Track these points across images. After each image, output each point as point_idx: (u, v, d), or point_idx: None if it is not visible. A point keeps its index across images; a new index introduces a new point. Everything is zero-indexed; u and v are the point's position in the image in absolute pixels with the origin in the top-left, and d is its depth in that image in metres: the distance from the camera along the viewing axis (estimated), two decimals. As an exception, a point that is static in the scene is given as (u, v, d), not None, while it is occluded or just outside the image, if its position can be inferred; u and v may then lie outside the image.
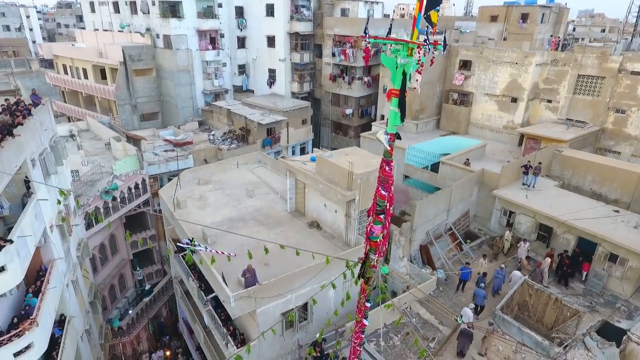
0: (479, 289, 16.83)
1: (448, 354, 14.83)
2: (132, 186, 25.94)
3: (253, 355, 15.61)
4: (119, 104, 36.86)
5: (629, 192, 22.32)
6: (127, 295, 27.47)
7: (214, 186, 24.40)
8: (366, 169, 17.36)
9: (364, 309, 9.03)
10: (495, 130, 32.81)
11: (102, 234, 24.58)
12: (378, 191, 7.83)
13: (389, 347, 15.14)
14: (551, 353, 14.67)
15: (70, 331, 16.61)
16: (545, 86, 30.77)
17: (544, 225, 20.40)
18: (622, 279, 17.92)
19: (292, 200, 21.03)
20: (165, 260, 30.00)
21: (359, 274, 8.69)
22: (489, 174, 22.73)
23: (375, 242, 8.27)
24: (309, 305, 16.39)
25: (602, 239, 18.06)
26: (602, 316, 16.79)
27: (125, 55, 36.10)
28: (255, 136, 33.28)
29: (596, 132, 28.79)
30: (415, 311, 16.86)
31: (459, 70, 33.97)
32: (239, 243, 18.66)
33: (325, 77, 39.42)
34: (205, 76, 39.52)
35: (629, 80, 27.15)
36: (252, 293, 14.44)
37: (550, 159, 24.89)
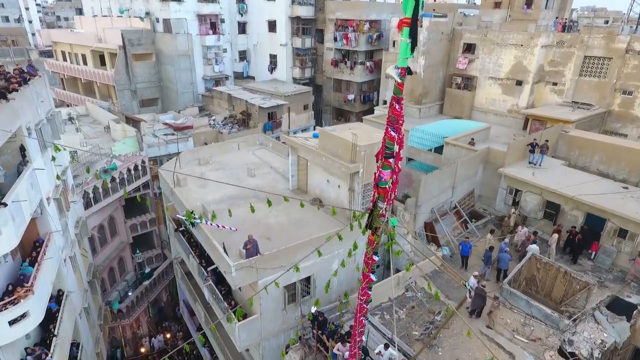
0: (503, 253, 16.66)
1: (454, 326, 14.46)
2: (132, 168, 25.55)
3: (254, 330, 15.29)
4: (118, 89, 36.42)
5: (637, 171, 21.86)
6: (127, 279, 27.14)
7: (215, 166, 24.01)
8: (370, 141, 16.93)
9: (371, 262, 8.64)
10: (499, 114, 32.33)
11: (101, 215, 24.22)
12: (387, 132, 7.41)
13: (394, 320, 14.76)
14: (561, 325, 14.31)
15: (68, 306, 16.31)
16: (550, 68, 30.26)
17: (551, 203, 20.00)
18: (631, 254, 17.52)
19: (294, 177, 20.64)
20: (165, 245, 29.67)
21: (366, 224, 8.29)
22: (495, 153, 22.31)
23: (384, 189, 7.86)
24: (312, 279, 16.04)
25: (612, 214, 17.66)
26: (611, 291, 16.42)
27: (124, 40, 35.65)
28: (256, 120, 32.89)
29: (602, 114, 28.31)
30: (420, 286, 16.49)
31: (463, 53, 33.47)
32: (240, 219, 18.29)
33: (327, 63, 38.94)
34: (205, 62, 39.07)
35: (636, 61, 26.65)
36: (253, 263, 14.07)
37: (556, 140, 24.44)
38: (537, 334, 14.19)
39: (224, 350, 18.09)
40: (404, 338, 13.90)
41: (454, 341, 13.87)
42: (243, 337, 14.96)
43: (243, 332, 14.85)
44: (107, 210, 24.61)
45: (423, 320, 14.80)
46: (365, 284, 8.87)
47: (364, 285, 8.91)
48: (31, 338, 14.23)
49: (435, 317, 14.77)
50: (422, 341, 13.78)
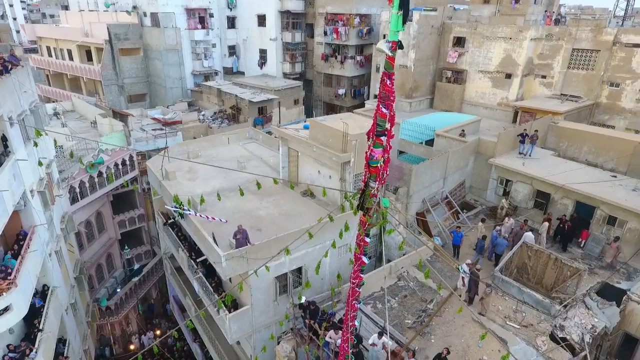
0: (501, 239, 16.70)
1: (447, 314, 14.41)
2: (119, 162, 25.12)
3: (245, 321, 15.07)
4: (105, 84, 35.84)
5: (624, 161, 22.03)
6: (116, 276, 26.72)
7: (204, 160, 23.68)
8: (361, 130, 16.79)
9: (363, 244, 8.49)
10: (489, 107, 32.48)
11: (88, 210, 23.78)
12: (378, 109, 7.27)
13: (387, 309, 14.66)
14: (552, 311, 14.35)
15: (54, 301, 15.93)
16: (539, 61, 30.47)
17: (541, 192, 20.09)
18: (621, 242, 17.64)
19: (284, 169, 20.44)
20: (154, 241, 29.26)
21: (358, 205, 8.14)
22: (485, 143, 22.36)
23: (376, 168, 7.71)
24: (304, 270, 15.87)
25: (601, 202, 17.79)
26: (601, 278, 16.52)
27: (111, 34, 35.09)
28: (246, 115, 32.59)
29: (590, 106, 28.57)
30: (412, 275, 16.42)
31: (453, 47, 33.54)
32: (230, 210, 18.11)
33: (317, 58, 38.77)
34: (194, 57, 38.63)
35: (623, 53, 26.92)
36: (243, 253, 13.85)
37: (545, 131, 24.57)
38: (528, 320, 14.21)
39: (215, 343, 17.84)
40: (397, 326, 13.81)
41: (446, 328, 13.82)
42: (234, 329, 14.74)
43: (234, 323, 14.63)
44: (94, 205, 24.18)
45: (415, 309, 14.73)
46: (357, 267, 8.72)
47: (356, 268, 8.76)
48: (15, 333, 13.86)
49: (428, 306, 14.71)
50: (415, 329, 13.70)
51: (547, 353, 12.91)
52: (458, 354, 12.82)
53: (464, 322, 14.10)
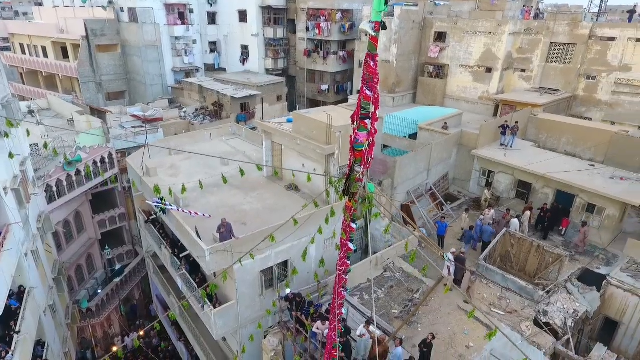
0: (487, 226, 16.99)
1: (433, 303, 14.48)
2: (98, 160, 24.47)
3: (231, 317, 14.83)
4: (82, 81, 34.92)
5: (602, 151, 22.55)
6: (96, 277, 26.04)
7: (186, 156, 23.27)
8: (345, 122, 16.72)
9: (349, 230, 8.40)
10: (470, 101, 32.87)
11: (67, 210, 23.09)
12: (362, 92, 7.18)
13: (374, 300, 14.65)
14: (535, 297, 14.56)
15: (31, 302, 15.40)
16: (518, 55, 30.97)
17: (522, 182, 20.43)
18: (599, 229, 18.08)
19: (268, 163, 20.23)
20: (136, 241, 28.64)
21: (343, 190, 8.05)
22: (468, 135, 22.60)
23: (360, 152, 7.62)
24: (289, 263, 15.72)
25: (580, 190, 18.16)
26: (581, 264, 16.86)
27: (87, 30, 34.20)
28: (228, 111, 32.18)
29: (568, 99, 29.19)
30: (398, 266, 16.45)
31: (434, 42, 33.82)
32: (213, 206, 17.83)
33: (300, 54, 38.58)
34: (174, 53, 37.97)
35: (598, 46, 27.58)
36: (228, 247, 13.62)
37: (525, 123, 24.98)
38: (513, 306, 14.39)
39: (200, 341, 17.53)
40: (384, 316, 13.80)
41: (432, 317, 13.87)
42: (219, 325, 14.48)
43: (219, 319, 14.38)
44: (72, 204, 23.49)
45: (402, 299, 14.75)
46: (343, 254, 8.62)
47: (342, 255, 8.67)
48: (-10, 335, 13.32)
49: (414, 295, 14.75)
50: (402, 318, 13.71)
51: (531, 338, 13.09)
52: (445, 341, 12.88)
53: (449, 311, 14.18)
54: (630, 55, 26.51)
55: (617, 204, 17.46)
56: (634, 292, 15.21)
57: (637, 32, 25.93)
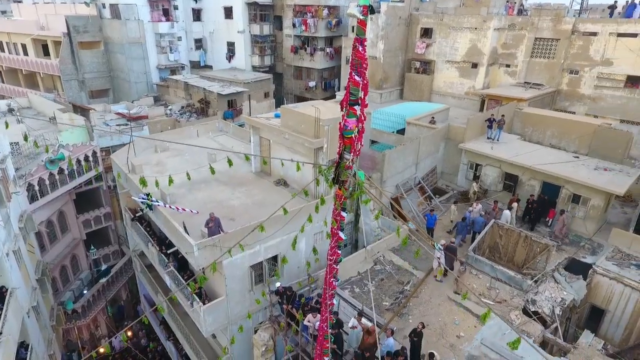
0: (479, 217, 17.26)
1: (424, 294, 14.51)
2: (82, 158, 23.94)
3: (221, 313, 14.65)
4: (65, 79, 34.17)
5: (585, 143, 22.90)
6: (82, 278, 25.50)
7: (173, 153, 22.96)
8: (333, 115, 16.68)
9: (339, 219, 8.32)
10: (457, 97, 33.12)
11: (49, 210, 22.54)
12: (351, 77, 7.10)
13: (364, 293, 14.62)
14: (524, 286, 14.71)
15: (13, 303, 14.99)
16: (503, 51, 31.32)
17: (509, 175, 20.64)
18: (585, 219, 18.37)
19: (256, 158, 20.04)
20: (122, 241, 28.15)
21: (333, 178, 7.97)
22: (455, 129, 22.76)
23: (350, 139, 7.55)
24: (279, 258, 15.59)
25: (566, 181, 18.42)
26: (568, 254, 17.11)
27: (69, 26, 33.47)
28: (215, 108, 31.84)
29: (552, 94, 29.62)
30: (388, 259, 16.45)
31: (421, 38, 33.98)
32: (201, 202, 17.58)
33: (287, 50, 38.39)
34: (159, 50, 37.41)
35: (581, 41, 28.03)
36: (216, 242, 13.44)
37: (511, 117, 25.24)
38: (502, 296, 14.51)
39: (189, 339, 17.28)
40: (375, 309, 13.74)
41: (423, 308, 13.90)
42: (209, 321, 14.29)
43: (208, 315, 14.19)
44: (55, 204, 22.94)
45: (393, 291, 14.75)
46: (334, 243, 8.54)
47: (333, 244, 8.59)
48: (-30, 337, 12.91)
49: (405, 287, 14.77)
50: (393, 310, 13.71)
51: (520, 326, 13.21)
52: (436, 332, 12.92)
53: (440, 302, 14.24)
54: (611, 49, 27.00)
55: (601, 194, 17.75)
56: (619, 279, 15.48)
57: (618, 27, 26.42)
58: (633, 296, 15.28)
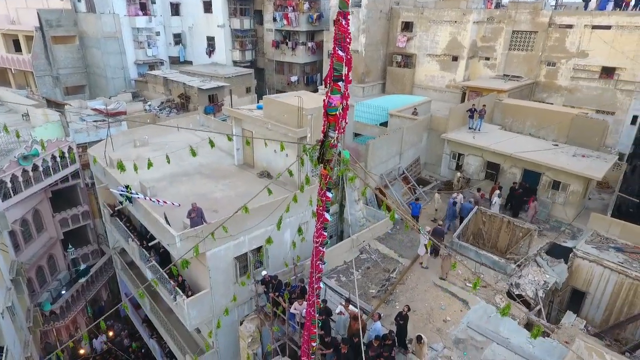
0: (467, 203, 17.41)
1: (410, 281, 14.52)
2: (58, 155, 23.14)
3: (205, 306, 14.35)
4: (38, 75, 33.04)
5: (564, 132, 23.34)
6: (60, 278, 24.67)
7: (152, 148, 22.42)
8: (316, 104, 16.54)
9: (325, 200, 8.19)
10: (438, 90, 33.43)
11: (24, 208, 21.71)
12: (335, 52, 6.96)
13: (350, 282, 14.54)
14: (508, 270, 14.89)
15: (-15, 302, 14.30)
16: (483, 44, 31.72)
17: (491, 163, 20.88)
18: (564, 205, 18.73)
19: (239, 151, 19.76)
20: (102, 239, 27.38)
21: (318, 157, 7.82)
22: (437, 120, 22.92)
23: (335, 116, 7.42)
24: (264, 249, 15.37)
25: (546, 168, 18.74)
26: (549, 239, 17.39)
27: (41, 20, 32.35)
28: (196, 103, 31.29)
29: (531, 85, 30.15)
30: (374, 247, 16.42)
31: (402, 32, 34.17)
32: (183, 195, 17.19)
33: (268, 45, 38.05)
34: (136, 45, 36.56)
35: (557, 34, 28.60)
36: (199, 233, 13.13)
37: (492, 108, 25.55)
38: (487, 280, 14.61)
39: (173, 334, 16.89)
40: (362, 296, 13.69)
41: (409, 295, 13.91)
42: (193, 315, 13.97)
43: (192, 308, 13.87)
44: (30, 202, 22.12)
45: (379, 279, 14.72)
46: (319, 225, 8.41)
47: (319, 226, 8.45)
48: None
49: (391, 275, 14.75)
50: (379, 297, 13.67)
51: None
52: (422, 317, 12.93)
53: (426, 288, 14.27)
54: (586, 41, 27.63)
55: (580, 180, 18.12)
56: (598, 262, 15.81)
57: (592, 20, 27.05)
58: (612, 278, 15.63)
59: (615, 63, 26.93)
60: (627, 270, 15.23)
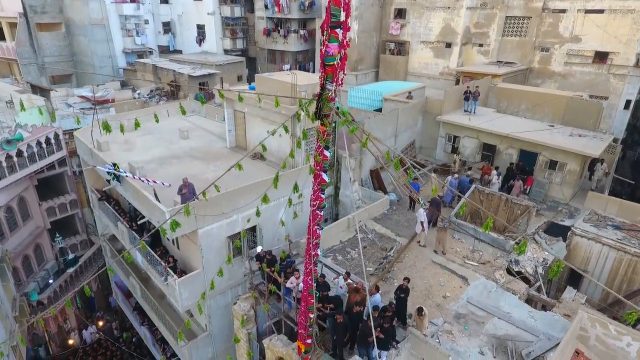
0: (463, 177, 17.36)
1: (407, 259, 14.21)
2: (43, 141, 22.46)
3: (197, 286, 13.88)
4: (22, 63, 32.12)
5: (559, 115, 23.21)
6: (47, 268, 23.99)
7: (142, 132, 21.76)
8: (309, 81, 16.15)
9: (322, 159, 7.80)
10: (432, 77, 33.18)
11: (8, 194, 21.03)
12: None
13: (347, 260, 14.19)
14: (507, 247, 14.64)
15: (-33, 287, 13.69)
16: (476, 30, 31.49)
17: (487, 145, 20.65)
18: (561, 184, 18.55)
19: (231, 132, 19.29)
20: (91, 229, 26.71)
21: (315, 112, 7.43)
22: (432, 102, 22.64)
23: (332, 67, 7.02)
24: (258, 229, 14.95)
25: (543, 147, 18.53)
26: (546, 218, 17.20)
27: (25, 7, 31.45)
28: (186, 91, 30.68)
29: (525, 71, 30.01)
30: (371, 227, 16.08)
31: (395, 19, 33.83)
32: (173, 176, 16.65)
33: (259, 33, 37.44)
34: (124, 33, 35.75)
35: (551, 19, 28.45)
36: (191, 209, 12.65)
37: (486, 92, 25.35)
38: (485, 257, 14.39)
39: (165, 319, 16.38)
40: (359, 275, 13.32)
41: (407, 272, 13.55)
42: (185, 296, 13.51)
43: (184, 289, 13.41)
44: (14, 189, 21.44)
45: (376, 257, 14.38)
46: (317, 186, 8.02)
47: (316, 188, 8.07)
48: None
49: (389, 253, 14.42)
50: (377, 275, 13.33)
51: (506, 284, 13.09)
52: (422, 293, 12.62)
53: (424, 265, 13.96)
54: (580, 26, 27.51)
55: (577, 159, 17.94)
56: (597, 239, 15.63)
57: (585, 4, 26.92)
58: (611, 255, 15.47)
59: (608, 47, 26.84)
60: (626, 247, 15.07)
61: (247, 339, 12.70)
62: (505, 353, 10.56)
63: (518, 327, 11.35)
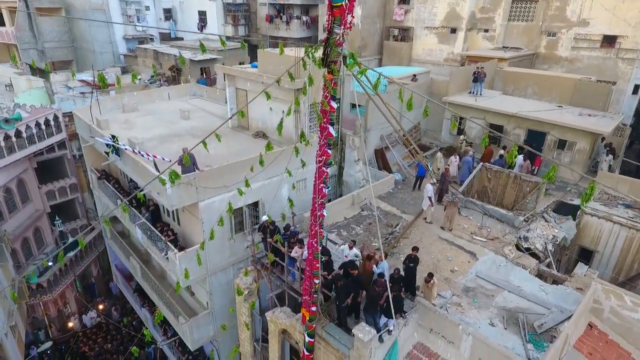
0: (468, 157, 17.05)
1: (413, 235, 13.85)
2: (42, 122, 22.14)
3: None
4: (22, 48, 31.76)
5: (566, 98, 22.77)
6: (47, 252, 23.73)
7: (142, 112, 21.53)
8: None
9: (329, 110, 7.44)
10: (436, 63, 32.66)
11: (6, 175, 20.73)
12: None
13: (352, 236, 13.84)
14: (516, 223, 14.27)
15: (-37, 262, 13.40)
16: (481, 15, 30.98)
17: (494, 125, 20.23)
18: (571, 164, 18.14)
19: (233, 111, 18.89)
20: (91, 214, 26.42)
21: (322, 58, 7.07)
22: (438, 83, 22.26)
23: (340, 8, 6.67)
24: (260, 204, 14.62)
25: (552, 126, 18.14)
26: (555, 198, 16.82)
27: (24, -9, 31.00)
28: (187, 76, 30.25)
29: (531, 57, 29.52)
30: (376, 205, 15.71)
31: (398, 4, 33.33)
32: (174, 153, 16.29)
33: (262, 20, 37.00)
34: (125, 19, 35.33)
35: (558, 2, 27.90)
36: (192, 180, 12.34)
37: (492, 76, 24.91)
38: (494, 234, 14.03)
39: (165, 298, 16.07)
40: (365, 250, 12.98)
41: (415, 247, 13.21)
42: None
43: (185, 264, 13.08)
44: (13, 170, 21.14)
45: (382, 234, 14.01)
46: (323, 140, 7.67)
47: (323, 142, 7.71)
48: None
49: (394, 229, 14.07)
50: (383, 251, 12.95)
51: (515, 259, 12.74)
52: (429, 268, 12.25)
53: (431, 241, 13.61)
54: (587, 9, 26.98)
55: (587, 138, 17.54)
56: (608, 218, 15.25)
57: (594, -14, 26.40)
58: (622, 233, 15.08)
59: (616, 31, 26.30)
60: (638, 225, 14.68)
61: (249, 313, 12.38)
62: (516, 325, 10.22)
63: (529, 300, 11.00)
